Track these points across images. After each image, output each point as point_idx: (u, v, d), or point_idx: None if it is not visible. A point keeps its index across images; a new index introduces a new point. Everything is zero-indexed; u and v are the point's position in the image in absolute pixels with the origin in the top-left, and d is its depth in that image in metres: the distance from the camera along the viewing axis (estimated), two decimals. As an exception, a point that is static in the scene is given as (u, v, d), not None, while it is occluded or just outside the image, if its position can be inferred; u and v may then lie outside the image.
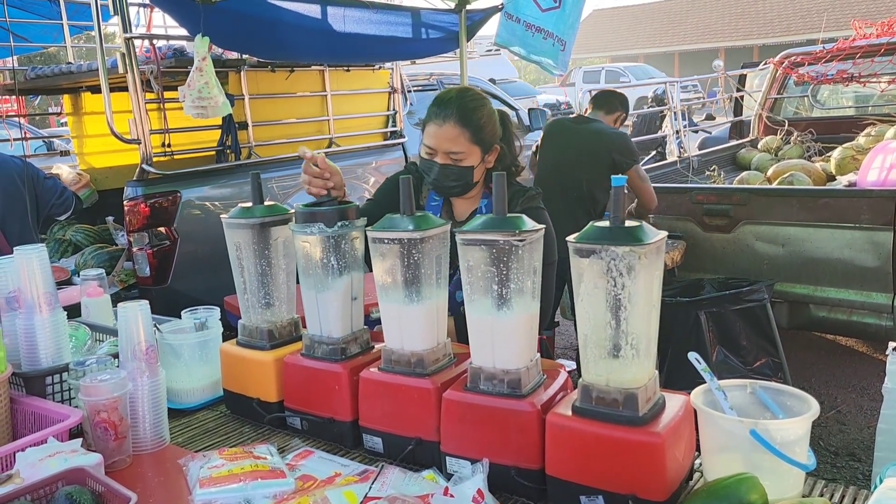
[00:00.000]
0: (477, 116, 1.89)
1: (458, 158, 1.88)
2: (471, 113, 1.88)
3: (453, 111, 1.87)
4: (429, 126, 1.91)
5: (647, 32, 29.62)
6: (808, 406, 1.27)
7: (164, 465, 1.48)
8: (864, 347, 4.69)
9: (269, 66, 4.31)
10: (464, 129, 1.87)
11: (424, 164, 1.94)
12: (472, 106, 1.90)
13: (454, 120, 1.86)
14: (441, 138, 1.88)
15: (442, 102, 1.91)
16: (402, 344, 1.47)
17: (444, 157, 1.89)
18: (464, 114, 1.87)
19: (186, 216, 3.84)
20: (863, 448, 3.42)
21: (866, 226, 3.43)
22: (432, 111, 1.91)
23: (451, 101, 1.90)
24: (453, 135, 1.87)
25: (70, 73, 4.37)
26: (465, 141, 1.87)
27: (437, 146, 1.89)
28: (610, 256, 1.18)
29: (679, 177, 5.06)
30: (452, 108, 1.87)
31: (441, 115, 1.88)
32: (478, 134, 1.89)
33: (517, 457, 1.30)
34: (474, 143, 1.89)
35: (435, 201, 2.06)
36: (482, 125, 1.90)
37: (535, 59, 4.11)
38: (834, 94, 6.13)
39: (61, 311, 1.67)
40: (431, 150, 1.91)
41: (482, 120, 1.90)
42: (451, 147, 1.87)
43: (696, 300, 3.44)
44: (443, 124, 1.87)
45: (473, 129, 1.88)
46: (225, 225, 1.68)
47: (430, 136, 1.90)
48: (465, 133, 1.87)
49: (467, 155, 1.89)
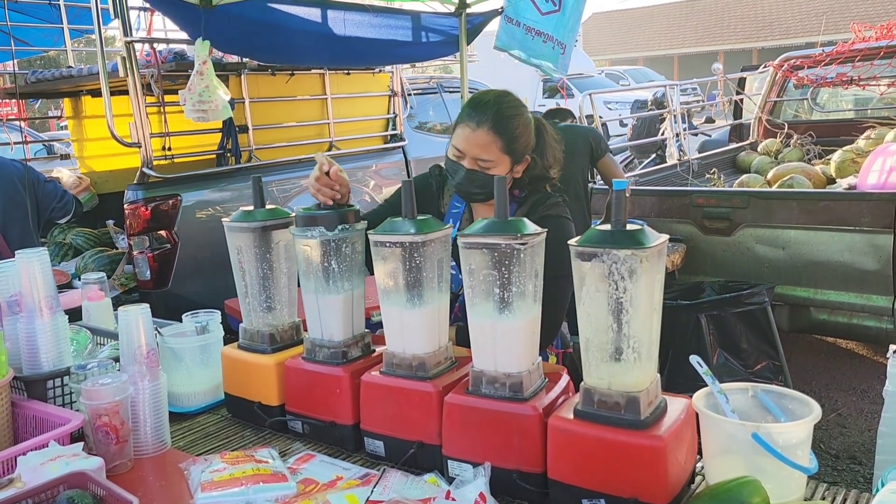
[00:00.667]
0: (513, 125, 1.79)
1: (486, 166, 1.80)
2: (507, 121, 1.79)
3: (489, 117, 1.77)
4: (461, 128, 1.81)
5: (646, 36, 29.66)
6: (810, 409, 1.27)
7: (165, 469, 1.48)
8: (864, 350, 4.69)
9: (270, 70, 4.32)
10: (497, 137, 1.78)
11: (451, 165, 1.85)
12: (509, 114, 1.80)
13: (488, 126, 1.77)
14: (472, 143, 1.79)
15: (478, 105, 1.81)
16: (404, 347, 1.47)
17: (472, 163, 1.80)
18: (500, 121, 1.78)
19: (187, 219, 3.84)
20: (864, 451, 3.42)
21: (866, 229, 3.43)
22: (467, 113, 1.81)
23: (489, 105, 1.80)
24: (486, 142, 1.78)
25: (70, 77, 4.38)
26: (496, 150, 1.79)
27: (466, 150, 1.80)
28: (612, 260, 1.18)
29: (679, 180, 5.07)
30: (489, 113, 1.78)
31: (475, 119, 1.78)
32: (511, 144, 1.80)
33: (519, 460, 1.30)
34: (506, 153, 1.80)
35: (456, 208, 1.98)
36: (517, 135, 1.80)
37: (535, 62, 4.11)
38: (833, 98, 6.14)
39: (62, 315, 1.67)
40: (460, 153, 1.82)
41: (518, 130, 1.80)
42: (481, 154, 1.78)
43: (697, 303, 3.44)
44: (476, 129, 1.78)
45: (507, 138, 1.79)
46: (226, 228, 1.68)
47: (461, 138, 1.80)
48: (499, 142, 1.78)
49: (496, 164, 1.80)
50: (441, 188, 2.03)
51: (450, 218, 1.98)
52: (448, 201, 2.01)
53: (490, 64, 6.36)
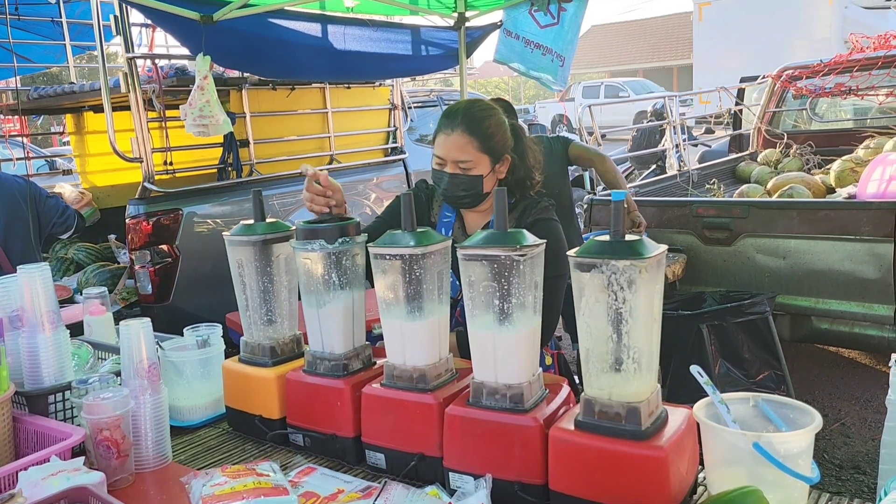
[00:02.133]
0: (485, 125, 1.89)
1: (466, 167, 1.88)
2: (479, 122, 1.89)
3: (460, 119, 1.88)
4: (438, 137, 1.92)
5: (645, 47, 29.78)
6: (812, 418, 1.26)
7: (166, 483, 1.48)
8: (866, 359, 4.68)
9: (271, 84, 4.35)
10: (471, 137, 1.87)
11: (435, 174, 1.94)
12: (480, 115, 1.91)
13: (462, 128, 1.87)
14: (449, 147, 1.89)
15: (450, 113, 1.92)
16: (405, 359, 1.47)
17: (454, 167, 1.89)
18: (471, 122, 1.88)
19: (188, 234, 3.85)
20: (867, 461, 3.40)
21: (867, 238, 3.43)
22: (441, 122, 1.92)
23: (459, 110, 1.91)
24: (461, 143, 1.87)
25: (73, 93, 4.41)
26: (473, 150, 1.88)
27: (445, 156, 1.90)
28: (611, 270, 1.18)
29: (679, 190, 5.08)
30: (460, 116, 1.89)
31: (449, 125, 1.89)
32: (486, 143, 1.89)
33: (520, 472, 1.30)
34: (483, 151, 1.89)
35: (447, 217, 2.06)
36: (490, 134, 1.90)
37: (535, 74, 4.13)
38: (832, 107, 6.16)
39: (64, 330, 1.67)
40: (441, 161, 1.91)
41: (490, 129, 1.90)
42: (460, 156, 1.88)
43: (698, 313, 3.44)
44: (451, 133, 1.88)
45: (481, 137, 1.88)
46: (227, 242, 1.69)
47: (439, 146, 1.91)
48: (473, 142, 1.87)
49: (476, 164, 1.89)
50: (430, 200, 2.10)
51: (441, 227, 2.04)
52: (438, 211, 2.08)
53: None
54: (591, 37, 30.79)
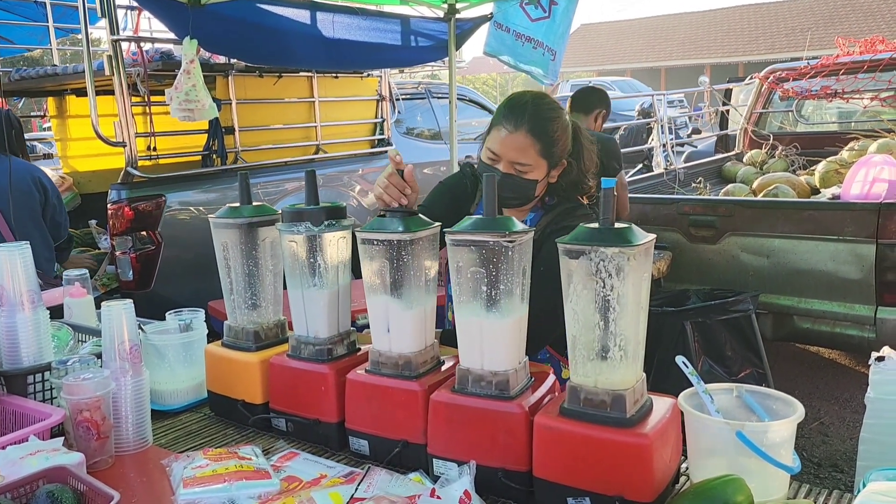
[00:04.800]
0: (552, 128, 1.74)
1: (522, 170, 1.74)
2: (545, 124, 1.74)
3: (526, 119, 1.72)
4: (496, 130, 1.75)
5: (634, 47, 29.88)
6: (794, 409, 1.27)
7: (146, 466, 1.46)
8: (846, 360, 4.73)
9: (257, 71, 4.31)
10: (535, 140, 1.72)
11: (485, 168, 1.78)
12: (547, 116, 1.75)
13: (527, 129, 1.71)
14: (508, 146, 1.73)
15: (515, 107, 1.75)
16: (390, 346, 1.46)
17: (508, 167, 1.74)
18: (538, 124, 1.73)
19: (171, 220, 3.81)
20: (845, 459, 3.44)
21: (849, 238, 3.47)
22: (503, 114, 1.75)
23: (526, 107, 1.74)
24: (523, 145, 1.72)
25: (55, 76, 4.34)
26: (534, 153, 1.73)
27: (502, 153, 1.74)
28: (599, 257, 1.18)
29: (666, 189, 5.10)
30: (526, 115, 1.72)
31: (513, 122, 1.72)
32: (549, 148, 1.74)
33: (504, 459, 1.29)
34: (543, 156, 1.75)
35: None
36: (556, 139, 1.75)
37: (525, 68, 4.13)
38: (818, 110, 6.21)
39: (44, 310, 1.65)
40: (495, 156, 1.75)
41: (556, 133, 1.75)
42: (519, 158, 1.73)
43: (682, 310, 3.46)
44: (514, 132, 1.72)
45: (546, 142, 1.74)
46: (212, 224, 1.67)
47: (497, 141, 1.74)
48: (536, 145, 1.73)
49: (533, 168, 1.74)
50: (474, 188, 1.96)
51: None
52: (478, 203, 1.94)
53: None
54: (579, 36, 30.87)
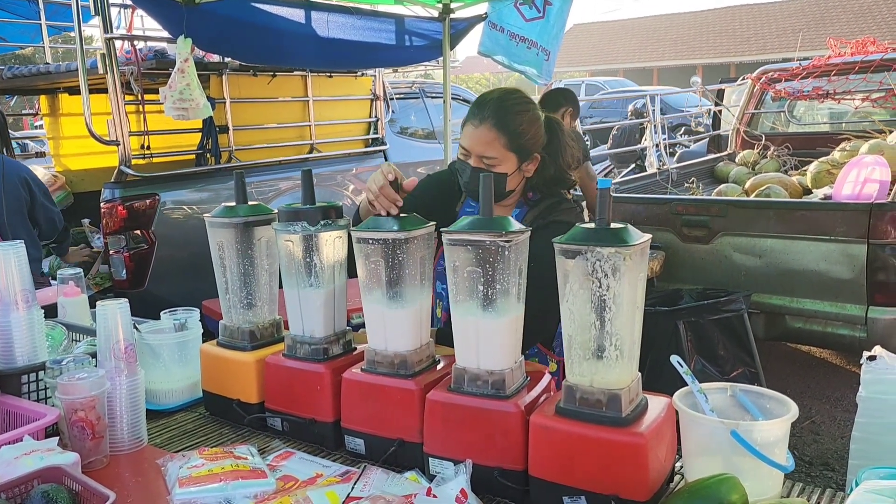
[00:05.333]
0: (516, 122, 1.78)
1: (490, 164, 1.78)
2: (510, 117, 1.78)
3: (491, 113, 1.77)
4: (466, 126, 1.81)
5: (626, 48, 29.94)
6: (787, 408, 1.28)
7: (141, 466, 1.46)
8: (837, 359, 4.76)
9: (251, 70, 4.30)
10: (500, 133, 1.76)
11: (459, 165, 1.84)
12: (513, 110, 1.79)
13: (491, 123, 1.76)
14: (475, 141, 1.78)
15: (481, 103, 1.81)
16: (386, 345, 1.46)
17: (477, 161, 1.79)
18: (502, 117, 1.77)
19: (165, 219, 3.80)
20: (836, 458, 3.46)
21: (841, 238, 3.49)
22: (471, 111, 1.81)
23: (491, 102, 1.80)
24: (488, 138, 1.77)
25: (48, 74, 4.33)
26: (499, 146, 1.77)
27: (471, 148, 1.79)
28: (595, 257, 1.18)
29: (658, 188, 5.12)
30: (491, 109, 1.78)
31: (478, 117, 1.78)
32: (515, 140, 1.78)
33: (500, 458, 1.30)
34: (510, 149, 1.78)
35: (470, 207, 1.95)
36: (521, 131, 1.78)
37: (519, 68, 4.13)
38: (809, 111, 6.24)
39: (38, 309, 1.64)
40: (466, 152, 1.81)
41: (521, 126, 1.78)
42: (485, 151, 1.77)
43: (675, 310, 3.47)
44: (478, 126, 1.77)
45: (510, 134, 1.77)
46: (208, 224, 1.67)
47: (466, 137, 1.81)
48: (501, 138, 1.77)
49: (501, 161, 1.78)
50: (459, 189, 1.99)
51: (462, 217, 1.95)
52: (464, 200, 1.99)
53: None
54: (572, 36, 30.89)
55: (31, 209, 3.53)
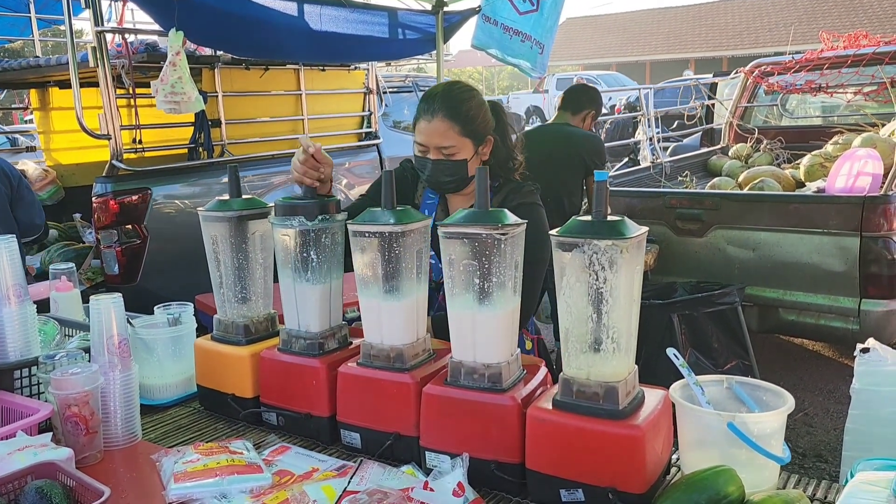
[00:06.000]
0: (465, 108, 1.85)
1: (450, 153, 1.84)
2: (458, 105, 1.85)
3: (440, 104, 1.84)
4: (419, 123, 1.87)
5: (619, 42, 29.92)
6: (784, 400, 1.29)
7: (136, 461, 1.45)
8: (830, 352, 4.78)
9: (244, 64, 4.27)
10: (453, 122, 1.83)
11: (418, 161, 1.90)
12: (459, 98, 1.86)
13: (442, 114, 1.83)
14: (431, 134, 1.84)
15: (429, 98, 1.87)
16: (382, 339, 1.46)
17: (437, 153, 1.85)
18: (451, 106, 1.84)
19: (157, 214, 3.78)
20: (829, 449, 3.48)
21: (834, 231, 3.50)
22: (421, 107, 1.87)
23: (438, 95, 1.86)
24: (442, 129, 1.83)
25: (38, 67, 4.28)
26: (455, 134, 1.84)
27: (427, 142, 1.85)
28: (592, 250, 1.18)
29: (652, 182, 5.12)
30: (439, 101, 1.84)
31: (429, 111, 1.84)
32: (468, 126, 1.85)
33: (497, 451, 1.30)
34: (465, 135, 1.85)
35: (430, 199, 2.02)
36: (472, 116, 1.86)
37: (513, 61, 4.12)
38: (802, 104, 6.25)
39: (31, 304, 1.63)
40: (423, 147, 1.87)
41: (471, 112, 1.86)
42: (442, 142, 1.83)
43: (669, 303, 3.47)
44: (431, 119, 1.84)
45: (462, 121, 1.84)
46: (201, 218, 1.65)
47: (420, 132, 1.86)
48: (455, 126, 1.83)
49: (459, 149, 1.85)
50: (415, 181, 2.05)
51: (424, 210, 2.00)
52: (422, 193, 2.05)
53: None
54: (564, 30, 30.80)
55: (11, 204, 3.50)
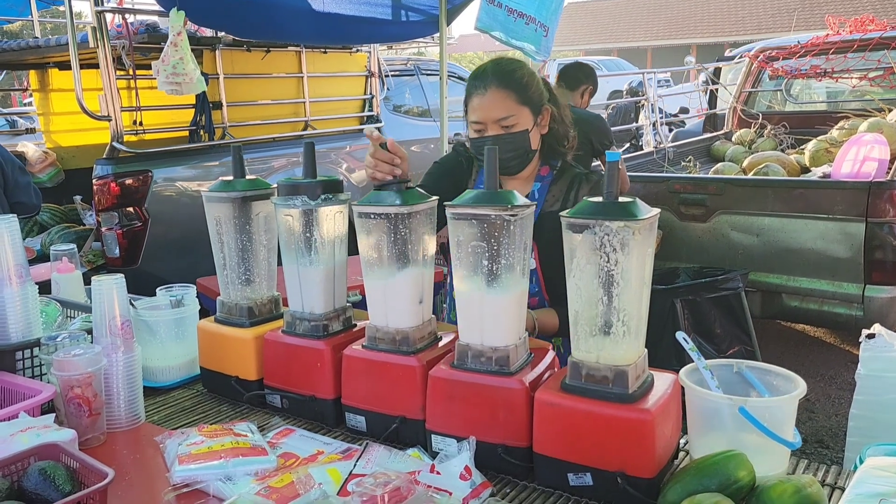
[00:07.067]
0: (518, 76, 1.78)
1: (509, 124, 1.76)
2: (510, 74, 1.78)
3: (491, 76, 1.77)
4: (471, 102, 1.80)
5: (620, 27, 29.72)
6: (795, 385, 1.27)
7: (139, 443, 1.44)
8: (831, 338, 4.78)
9: (245, 46, 4.23)
10: (508, 90, 1.76)
11: (476, 144, 1.81)
12: (510, 67, 1.80)
13: (496, 84, 1.76)
14: (487, 108, 1.77)
15: (478, 74, 1.81)
16: (387, 321, 1.44)
17: (495, 128, 1.77)
18: (503, 76, 1.77)
19: (158, 196, 3.75)
20: (831, 435, 3.48)
21: (839, 217, 3.48)
22: (471, 85, 1.80)
23: (487, 69, 1.81)
24: (498, 99, 1.76)
25: (37, 48, 4.24)
26: (512, 103, 1.76)
27: (484, 118, 1.77)
28: (604, 232, 1.16)
29: (655, 167, 5.09)
30: (489, 73, 1.78)
31: (481, 86, 1.77)
32: (523, 93, 1.78)
33: (504, 435, 1.28)
34: (523, 103, 1.78)
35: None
36: (526, 83, 1.79)
37: (517, 44, 4.07)
38: (806, 89, 6.21)
39: (32, 285, 1.61)
40: (480, 125, 1.79)
41: (524, 78, 1.79)
42: (500, 113, 1.76)
43: (672, 288, 3.46)
44: (485, 92, 1.76)
45: (517, 88, 1.77)
46: (205, 198, 1.63)
47: (475, 109, 1.79)
48: (511, 95, 1.76)
49: (518, 118, 1.77)
50: (469, 165, 1.99)
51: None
52: (476, 178, 1.97)
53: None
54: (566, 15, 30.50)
55: (7, 190, 3.48)
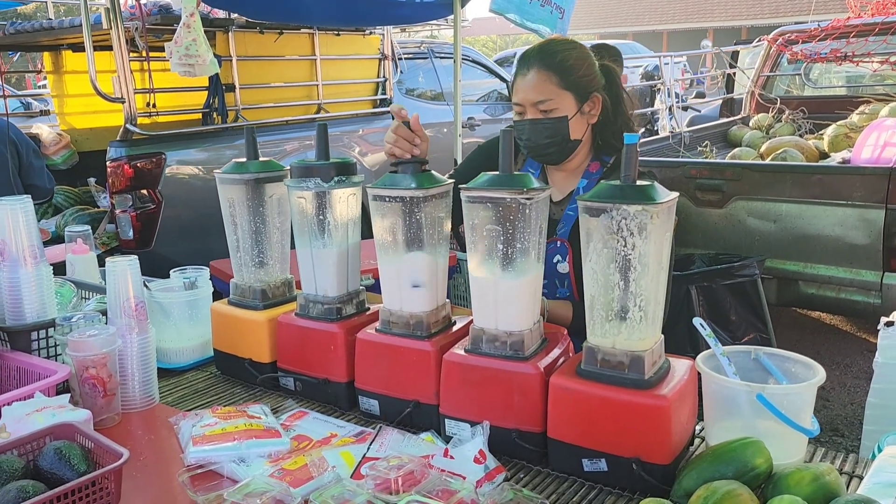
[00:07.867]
0: (562, 57, 1.71)
1: (547, 108, 1.70)
2: (556, 55, 1.71)
3: (536, 59, 1.72)
4: (515, 83, 1.75)
5: (636, 11, 29.39)
6: (815, 372, 1.25)
7: (154, 424, 1.44)
8: (847, 326, 4.73)
9: (258, 28, 4.21)
10: (550, 73, 1.70)
11: (517, 127, 1.76)
12: (557, 49, 1.73)
13: (538, 66, 1.70)
14: (527, 90, 1.71)
15: (525, 55, 1.76)
16: (402, 305, 1.43)
17: (534, 111, 1.71)
18: (547, 58, 1.71)
19: (171, 178, 3.76)
20: (846, 424, 3.45)
21: (859, 203, 3.43)
22: (516, 67, 1.76)
23: (534, 50, 1.75)
24: (538, 81, 1.70)
25: (51, 29, 4.24)
26: (552, 86, 1.69)
27: (524, 100, 1.72)
28: (621, 215, 1.14)
29: (671, 152, 5.04)
30: (534, 56, 1.73)
31: (525, 66, 1.72)
32: (567, 77, 1.70)
33: (518, 419, 1.28)
34: (564, 88, 1.70)
35: (530, 171, 1.87)
36: (570, 66, 1.71)
37: (532, 26, 4.02)
38: (826, 74, 6.11)
39: (47, 266, 1.61)
40: (520, 108, 1.74)
41: (569, 61, 1.71)
42: (538, 95, 1.70)
43: (687, 274, 3.43)
44: (527, 73, 1.71)
45: (560, 71, 1.70)
46: (218, 180, 1.63)
47: (517, 91, 1.74)
48: (553, 77, 1.69)
49: (557, 103, 1.70)
50: (516, 152, 1.93)
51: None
52: (522, 167, 1.92)
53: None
54: (581, -2, 30.27)
55: (21, 172, 3.50)
